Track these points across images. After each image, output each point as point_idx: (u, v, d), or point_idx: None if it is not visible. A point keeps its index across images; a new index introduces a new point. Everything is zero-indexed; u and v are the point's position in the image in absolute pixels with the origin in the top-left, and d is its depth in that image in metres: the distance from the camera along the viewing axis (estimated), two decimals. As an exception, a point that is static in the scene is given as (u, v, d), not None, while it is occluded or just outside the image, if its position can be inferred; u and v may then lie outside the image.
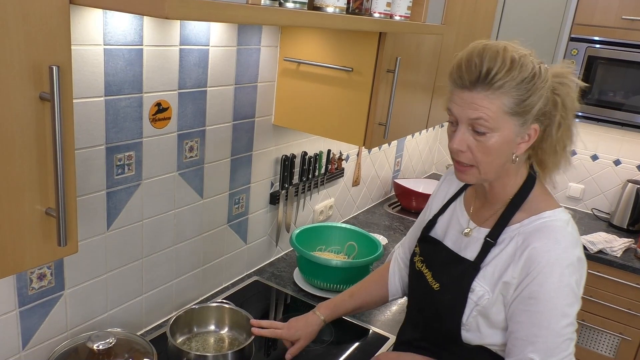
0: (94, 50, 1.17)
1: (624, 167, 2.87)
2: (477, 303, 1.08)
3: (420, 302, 1.24)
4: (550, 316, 1.00)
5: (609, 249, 2.48)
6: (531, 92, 0.98)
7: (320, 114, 1.69)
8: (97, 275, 1.35)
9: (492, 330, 1.09)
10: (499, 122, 0.98)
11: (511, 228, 1.08)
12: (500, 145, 1.01)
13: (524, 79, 0.97)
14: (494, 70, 0.95)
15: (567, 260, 1.01)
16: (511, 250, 1.05)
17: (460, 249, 1.16)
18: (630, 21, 2.43)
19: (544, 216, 1.06)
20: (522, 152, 1.06)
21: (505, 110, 0.98)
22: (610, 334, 2.52)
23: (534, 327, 1.01)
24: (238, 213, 1.78)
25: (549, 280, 1.00)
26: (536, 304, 1.01)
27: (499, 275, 1.06)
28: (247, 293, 1.79)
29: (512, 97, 0.97)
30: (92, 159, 1.24)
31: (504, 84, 0.96)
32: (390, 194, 2.94)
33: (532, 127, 1.02)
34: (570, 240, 1.03)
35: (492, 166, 1.04)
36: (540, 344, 1.00)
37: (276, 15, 0.84)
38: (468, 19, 2.14)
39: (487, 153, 1.01)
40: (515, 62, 0.96)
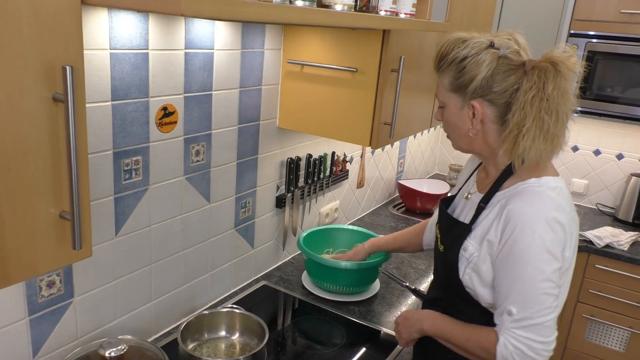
0: (100, 55, 1.16)
1: (627, 161, 2.87)
2: (469, 260, 1.18)
3: (435, 263, 1.38)
4: (524, 270, 1.07)
5: (615, 243, 2.47)
6: (462, 72, 1.13)
7: (325, 115, 1.69)
8: (106, 282, 1.34)
9: (485, 289, 1.17)
10: (445, 98, 1.19)
11: (500, 193, 1.17)
12: (451, 117, 1.20)
13: (460, 59, 1.13)
14: (438, 57, 1.19)
15: (539, 219, 1.06)
16: (495, 212, 1.15)
17: (460, 214, 1.28)
18: (629, 15, 2.43)
19: (529, 182, 1.13)
20: (476, 127, 1.16)
21: (446, 87, 1.18)
22: (620, 328, 2.51)
23: (510, 281, 1.09)
24: (245, 217, 1.77)
25: (521, 237, 1.07)
26: (512, 259, 1.09)
27: (484, 234, 1.16)
28: (255, 298, 1.78)
29: (448, 75, 1.17)
30: (99, 164, 1.23)
31: (444, 67, 1.17)
32: (394, 195, 2.93)
33: (471, 103, 1.15)
34: (547, 203, 1.08)
35: (454, 136, 1.23)
36: (516, 296, 1.08)
37: (287, 12, 0.83)
38: (469, 17, 2.14)
39: (446, 123, 1.22)
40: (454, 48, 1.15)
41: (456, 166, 3.22)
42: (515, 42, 1.12)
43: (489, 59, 1.10)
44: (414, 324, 1.32)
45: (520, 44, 1.12)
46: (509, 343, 1.09)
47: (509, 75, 1.10)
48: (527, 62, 1.09)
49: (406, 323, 1.35)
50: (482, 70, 1.11)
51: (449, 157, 3.42)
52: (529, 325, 1.07)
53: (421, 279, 2.00)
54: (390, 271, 2.03)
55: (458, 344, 1.21)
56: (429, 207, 2.70)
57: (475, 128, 1.17)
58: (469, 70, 1.12)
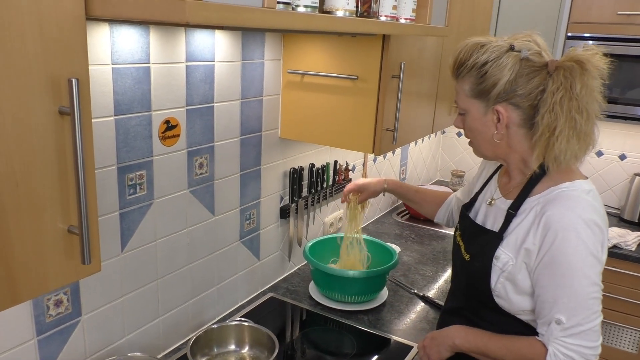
0: (102, 70, 1.16)
1: (629, 161, 2.87)
2: (502, 269, 1.15)
3: (458, 272, 1.34)
4: (572, 277, 1.05)
5: (623, 243, 2.46)
6: (483, 78, 1.12)
7: (327, 124, 1.68)
8: (113, 298, 1.33)
9: (520, 297, 1.15)
10: (466, 104, 1.17)
11: (531, 199, 1.15)
12: (473, 123, 1.18)
13: (475, 66, 1.12)
14: (456, 64, 1.16)
15: (581, 224, 1.05)
16: (531, 218, 1.12)
17: (484, 220, 1.26)
18: (627, 16, 2.44)
19: (563, 187, 1.11)
20: (501, 132, 1.15)
21: (467, 94, 1.16)
22: (632, 330, 2.49)
23: (557, 289, 1.07)
24: (250, 229, 1.76)
25: (565, 244, 1.05)
26: (557, 267, 1.07)
27: (520, 242, 1.13)
28: (263, 310, 1.76)
29: (469, 82, 1.15)
30: (104, 180, 1.23)
31: (464, 73, 1.15)
32: (397, 202, 2.92)
33: (495, 108, 1.13)
34: (585, 207, 1.07)
35: (477, 142, 1.20)
36: (565, 304, 1.06)
37: (291, 18, 0.83)
38: (467, 22, 2.15)
39: (469, 130, 1.20)
40: (474, 54, 1.12)
41: (458, 172, 3.21)
42: (535, 44, 1.11)
43: (511, 62, 1.09)
44: (442, 342, 1.26)
45: (540, 45, 1.12)
46: (559, 352, 1.07)
47: (532, 77, 1.08)
48: (550, 62, 1.08)
49: (434, 343, 1.28)
50: (504, 74, 1.09)
51: (451, 163, 3.41)
52: (579, 332, 1.05)
53: (429, 285, 1.99)
54: (398, 279, 2.01)
55: (498, 357, 1.17)
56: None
57: (500, 133, 1.15)
58: (491, 75, 1.11)
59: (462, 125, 1.23)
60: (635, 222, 2.72)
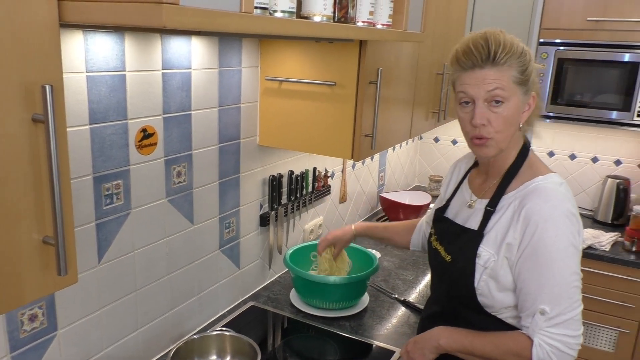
0: (76, 78, 1.14)
1: (602, 164, 2.93)
2: (485, 267, 1.17)
3: (439, 276, 1.34)
4: (554, 267, 1.08)
5: (597, 244, 2.51)
6: (527, 63, 1.13)
7: (306, 130, 1.68)
8: (90, 311, 1.30)
9: (502, 293, 1.17)
10: (511, 91, 1.11)
11: (508, 195, 1.18)
12: (513, 114, 1.14)
13: (520, 53, 1.12)
14: (499, 50, 1.09)
15: (559, 214, 1.09)
16: (510, 214, 1.15)
17: (465, 222, 1.26)
18: (595, 22, 2.51)
19: (537, 180, 1.16)
20: (524, 120, 1.18)
21: (514, 80, 1.11)
22: (608, 329, 2.54)
23: (540, 279, 1.09)
24: (229, 237, 1.74)
25: (545, 235, 1.08)
26: (539, 258, 1.09)
27: (501, 238, 1.15)
28: (244, 319, 1.74)
29: (516, 69, 1.11)
30: (79, 190, 1.20)
31: (507, 60, 1.10)
32: (377, 208, 2.93)
33: (531, 95, 1.17)
34: (561, 198, 1.12)
35: (506, 135, 1.15)
36: (548, 295, 1.08)
37: (268, 23, 0.83)
38: (441, 29, 2.18)
39: (505, 123, 1.13)
40: (509, 42, 1.12)
41: (436, 177, 3.24)
42: None
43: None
44: (427, 345, 1.25)
45: None
46: (544, 343, 1.09)
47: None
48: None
49: (417, 347, 1.27)
50: (534, 64, 1.15)
51: (429, 169, 3.44)
52: (563, 322, 1.08)
53: (410, 290, 2.00)
54: (379, 284, 2.02)
55: (484, 354, 1.17)
56: (412, 219, 2.70)
57: (523, 121, 1.18)
58: (530, 61, 1.14)
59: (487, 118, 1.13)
60: (608, 223, 2.78)
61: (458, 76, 1.15)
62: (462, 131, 1.20)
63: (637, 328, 2.47)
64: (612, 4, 2.47)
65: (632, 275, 2.42)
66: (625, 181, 2.72)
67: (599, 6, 2.49)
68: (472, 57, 1.11)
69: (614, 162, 2.90)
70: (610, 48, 2.50)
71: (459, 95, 1.16)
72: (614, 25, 2.48)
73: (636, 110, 2.49)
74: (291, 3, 0.91)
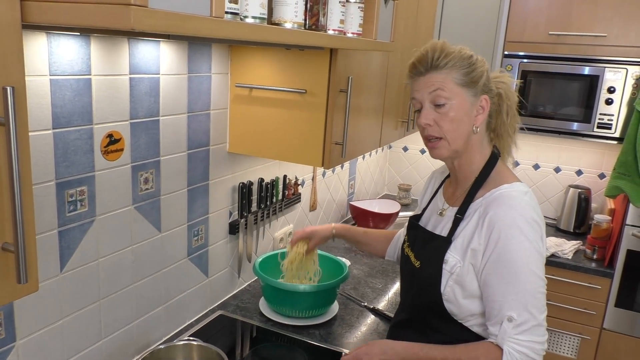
0: (39, 81, 1.11)
1: (564, 174, 3.02)
2: (451, 272, 1.19)
3: (408, 281, 1.35)
4: (519, 273, 1.10)
5: (560, 252, 2.57)
6: (473, 67, 1.18)
7: (277, 138, 1.68)
8: (51, 322, 1.25)
9: (468, 300, 1.18)
10: (453, 92, 1.17)
11: (475, 202, 1.21)
12: (458, 113, 1.18)
13: (463, 57, 1.18)
14: (437, 56, 1.17)
15: (522, 221, 1.11)
16: (475, 220, 1.18)
17: (435, 228, 1.29)
18: (557, 36, 2.59)
19: (502, 188, 1.18)
20: (480, 123, 1.21)
21: (456, 82, 1.17)
22: (570, 335, 2.60)
23: (506, 287, 1.10)
24: (198, 245, 1.72)
25: (509, 241, 1.10)
26: (504, 265, 1.11)
27: (467, 244, 1.17)
28: (212, 328, 1.72)
29: (458, 72, 1.17)
30: (41, 196, 1.16)
31: (447, 63, 1.17)
32: (347, 216, 2.94)
33: (482, 98, 1.20)
34: (524, 206, 1.14)
35: (456, 134, 1.19)
36: (514, 301, 1.10)
37: (239, 28, 0.83)
38: (410, 40, 2.22)
39: (450, 121, 1.18)
40: (453, 49, 1.19)
41: (405, 185, 3.28)
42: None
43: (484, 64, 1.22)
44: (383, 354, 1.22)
45: None
46: (514, 350, 1.09)
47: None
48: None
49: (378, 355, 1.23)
50: (485, 67, 1.21)
51: (398, 178, 3.48)
52: (530, 328, 1.09)
53: (379, 297, 2.00)
54: (348, 292, 2.02)
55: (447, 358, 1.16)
56: (382, 227, 2.73)
57: (479, 123, 1.21)
58: (478, 66, 1.19)
59: (433, 119, 1.19)
60: (570, 232, 2.85)
61: (410, 85, 1.24)
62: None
63: (598, 335, 2.54)
64: (573, 19, 2.55)
65: (593, 283, 2.49)
66: (586, 191, 2.81)
67: (560, 21, 2.58)
68: (416, 66, 1.21)
69: (575, 172, 2.99)
70: (571, 61, 2.58)
71: (412, 102, 1.24)
72: (574, 40, 2.57)
73: (596, 122, 2.58)
74: (262, 9, 0.91)
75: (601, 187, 2.92)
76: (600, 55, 2.53)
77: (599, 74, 2.53)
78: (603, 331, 2.53)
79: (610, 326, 2.51)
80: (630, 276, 2.44)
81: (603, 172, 2.93)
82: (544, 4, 2.60)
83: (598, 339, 2.55)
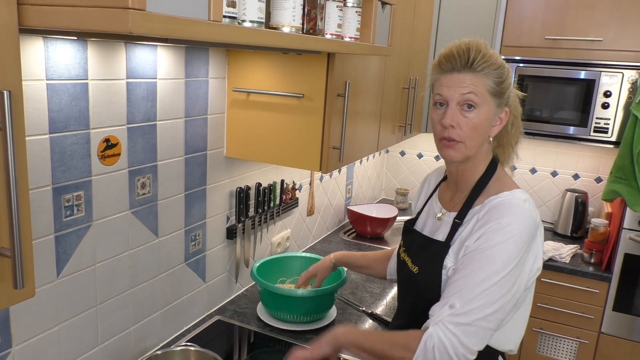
0: (36, 86, 1.11)
1: (561, 178, 3.02)
2: (449, 276, 1.17)
3: (405, 287, 1.33)
4: (485, 270, 1.07)
5: (557, 256, 2.57)
6: (504, 77, 1.17)
7: (274, 142, 1.68)
8: (48, 327, 1.24)
9: None
10: (484, 99, 1.15)
11: (474, 209, 1.20)
12: (483, 122, 1.16)
13: (498, 66, 1.16)
14: (478, 57, 1.13)
15: (516, 228, 1.10)
16: (472, 225, 1.17)
17: (433, 233, 1.28)
18: (553, 41, 2.60)
19: (502, 195, 1.17)
20: (495, 134, 1.21)
21: (488, 89, 1.15)
22: (568, 340, 2.59)
23: (467, 277, 1.09)
24: (195, 250, 1.71)
25: (494, 238, 1.09)
26: (476, 257, 1.10)
27: (462, 246, 1.17)
28: (210, 334, 1.71)
29: (492, 79, 1.15)
30: (37, 201, 1.16)
31: (484, 68, 1.14)
32: (344, 221, 2.94)
33: (504, 109, 1.20)
34: (524, 214, 1.12)
35: (475, 141, 1.17)
36: (466, 291, 1.07)
37: (237, 32, 0.83)
38: (407, 44, 2.22)
39: (473, 128, 1.15)
40: (490, 53, 1.16)
41: (402, 190, 3.28)
42: None
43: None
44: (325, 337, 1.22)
45: None
46: (436, 335, 1.06)
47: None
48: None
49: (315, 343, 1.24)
50: (511, 81, 1.19)
51: (395, 182, 3.48)
52: (465, 324, 1.05)
53: (377, 302, 2.00)
54: (346, 297, 2.01)
55: (373, 348, 1.14)
56: (379, 232, 2.73)
57: (493, 134, 1.21)
58: (507, 76, 1.18)
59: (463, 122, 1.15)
60: (568, 236, 2.86)
61: (437, 78, 1.19)
62: (433, 134, 1.23)
63: (596, 339, 2.54)
64: (569, 24, 2.57)
65: (591, 287, 2.49)
66: (583, 195, 2.81)
67: (556, 25, 2.59)
68: (452, 60, 1.15)
69: (572, 176, 3.00)
70: (568, 66, 2.59)
71: (435, 97, 1.19)
72: (570, 44, 2.58)
73: (593, 126, 2.59)
74: (260, 13, 0.91)
75: (598, 191, 2.93)
76: (596, 60, 2.54)
77: (595, 78, 2.54)
78: (601, 335, 2.53)
79: (608, 330, 2.51)
80: (627, 280, 2.44)
81: (600, 176, 2.94)
82: (539, 8, 2.61)
83: (596, 343, 2.55)
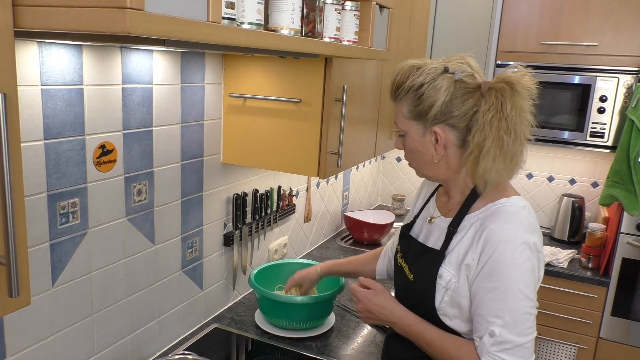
0: (30, 91, 1.09)
1: (557, 183, 3.02)
2: (446, 287, 1.15)
3: (402, 293, 1.31)
4: (507, 290, 1.06)
5: (555, 261, 2.57)
6: (420, 100, 1.13)
7: (271, 148, 1.66)
8: (42, 337, 1.22)
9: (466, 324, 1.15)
10: (406, 126, 1.18)
11: (470, 216, 1.17)
12: (413, 145, 1.19)
13: (417, 88, 1.13)
14: (396, 87, 1.17)
15: (519, 239, 1.07)
16: (471, 235, 1.13)
17: (427, 239, 1.25)
18: (548, 46, 2.61)
19: (500, 202, 1.14)
20: (440, 153, 1.16)
21: (406, 115, 1.17)
22: (567, 345, 2.58)
23: (493, 302, 1.07)
24: (192, 258, 1.69)
25: (503, 256, 1.07)
26: (493, 280, 1.07)
27: (462, 259, 1.13)
28: (207, 342, 1.69)
29: (406, 105, 1.16)
30: (32, 208, 1.14)
31: (403, 95, 1.16)
32: (341, 227, 2.92)
33: (432, 129, 1.14)
34: (523, 223, 1.10)
35: (417, 163, 1.22)
36: (498, 317, 1.06)
37: (236, 34, 0.81)
38: (404, 48, 2.22)
39: (409, 151, 1.21)
40: (406, 78, 1.14)
41: (399, 196, 3.27)
42: (468, 66, 1.13)
43: (446, 84, 1.10)
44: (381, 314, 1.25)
45: (472, 67, 1.14)
46: None
47: (467, 99, 1.10)
48: (482, 84, 1.10)
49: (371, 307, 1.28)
50: (440, 96, 1.10)
51: (392, 188, 3.47)
52: (512, 348, 1.05)
53: (376, 309, 1.98)
54: (344, 303, 1.99)
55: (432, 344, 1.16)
56: (376, 238, 2.71)
57: (439, 154, 1.16)
58: (427, 97, 1.12)
59: (403, 147, 1.24)
60: (565, 241, 2.85)
61: None
62: None
63: (595, 344, 2.53)
64: (564, 29, 2.58)
65: (589, 292, 2.49)
66: (579, 199, 2.81)
67: (552, 30, 2.60)
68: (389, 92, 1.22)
69: (568, 181, 3.00)
70: (563, 71, 2.60)
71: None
72: (566, 49, 2.59)
73: (589, 131, 2.59)
74: (259, 15, 0.90)
75: (595, 195, 2.93)
76: (592, 65, 2.55)
77: (590, 83, 2.55)
78: (600, 340, 2.52)
79: (606, 335, 2.50)
80: (625, 284, 2.43)
81: (596, 180, 2.94)
82: (535, 14, 2.62)
83: (595, 348, 2.53)
